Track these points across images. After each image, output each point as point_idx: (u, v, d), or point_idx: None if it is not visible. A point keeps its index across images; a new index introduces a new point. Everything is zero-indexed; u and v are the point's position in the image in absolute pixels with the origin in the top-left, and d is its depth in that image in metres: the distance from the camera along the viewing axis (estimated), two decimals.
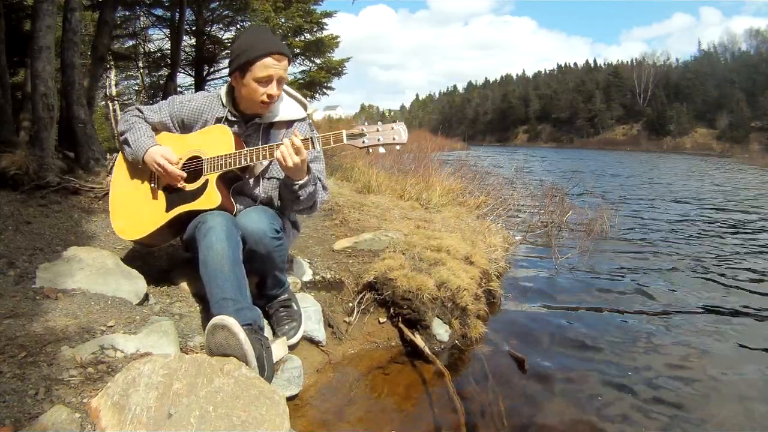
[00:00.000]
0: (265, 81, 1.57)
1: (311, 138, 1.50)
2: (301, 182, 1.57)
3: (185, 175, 1.62)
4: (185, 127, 1.74)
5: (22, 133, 3.45)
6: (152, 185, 1.68)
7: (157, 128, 1.73)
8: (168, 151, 1.62)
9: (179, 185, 1.63)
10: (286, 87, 1.76)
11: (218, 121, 1.68)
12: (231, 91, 1.69)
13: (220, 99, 1.70)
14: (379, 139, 1.46)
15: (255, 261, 1.55)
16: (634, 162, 22.73)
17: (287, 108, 1.73)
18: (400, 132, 1.46)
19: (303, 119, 1.75)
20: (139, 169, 1.71)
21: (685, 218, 6.09)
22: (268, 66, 1.56)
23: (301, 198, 1.60)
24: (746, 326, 2.48)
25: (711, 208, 7.11)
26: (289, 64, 1.66)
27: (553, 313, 2.59)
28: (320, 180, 1.69)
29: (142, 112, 1.72)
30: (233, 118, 1.68)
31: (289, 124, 1.72)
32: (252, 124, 1.69)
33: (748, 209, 7.14)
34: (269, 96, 1.59)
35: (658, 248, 4.27)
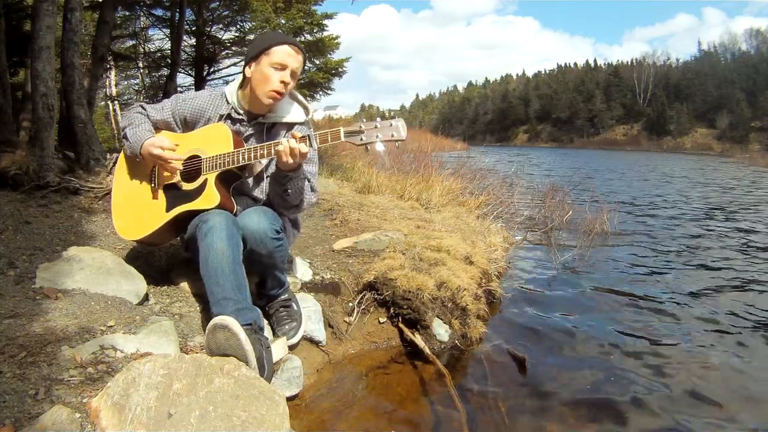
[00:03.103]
0: (281, 67, 1.59)
1: (308, 136, 1.50)
2: (291, 175, 1.57)
3: (183, 158, 1.62)
4: (188, 125, 1.74)
5: (22, 133, 3.46)
6: (152, 185, 1.69)
7: (159, 126, 1.74)
8: (161, 139, 1.62)
9: (178, 185, 1.63)
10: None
11: (221, 118, 1.68)
12: (239, 89, 1.69)
13: (225, 96, 1.71)
14: (377, 136, 1.45)
15: (255, 261, 1.55)
16: (634, 162, 22.72)
17: (290, 110, 1.73)
18: (398, 128, 1.44)
19: (304, 122, 1.75)
20: (140, 168, 1.71)
21: (686, 218, 6.09)
22: (287, 53, 1.60)
23: (289, 191, 1.60)
24: (748, 326, 2.48)
25: (711, 208, 7.11)
26: (303, 65, 1.67)
27: (553, 313, 2.58)
28: (309, 181, 1.69)
29: (144, 109, 1.72)
30: (237, 116, 1.68)
31: (290, 126, 1.72)
32: (255, 123, 1.70)
33: (748, 209, 7.14)
34: (282, 82, 1.59)
35: (659, 248, 4.27)
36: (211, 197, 1.56)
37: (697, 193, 9.41)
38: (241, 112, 1.68)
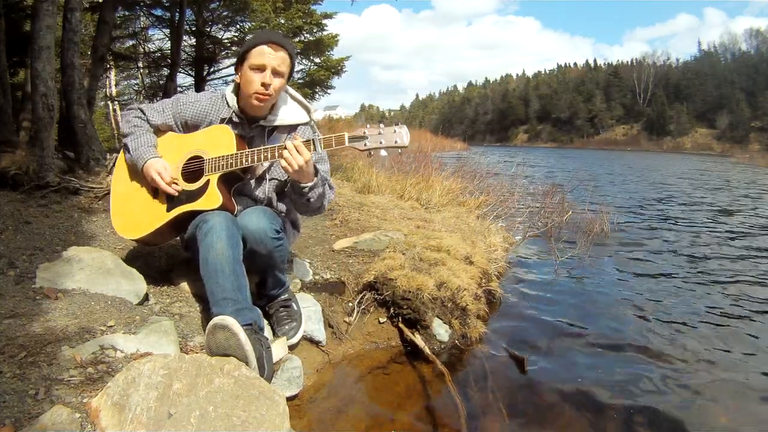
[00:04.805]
0: (260, 68, 1.58)
1: (313, 140, 1.50)
2: (309, 185, 1.57)
3: (176, 194, 1.61)
4: (189, 128, 1.73)
5: (22, 133, 3.45)
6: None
7: (160, 129, 1.73)
8: (164, 167, 1.61)
9: (180, 186, 1.63)
10: (290, 90, 1.76)
11: (222, 121, 1.68)
12: (236, 92, 1.69)
13: (225, 99, 1.70)
14: (381, 142, 1.46)
15: (255, 261, 1.56)
16: (634, 162, 22.72)
17: (291, 112, 1.73)
18: (402, 135, 1.46)
19: (306, 123, 1.75)
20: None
21: (685, 217, 6.09)
22: (264, 53, 1.58)
23: (311, 200, 1.61)
24: (747, 328, 2.48)
25: (711, 208, 7.11)
26: (291, 63, 1.65)
27: (553, 313, 2.58)
28: (327, 180, 1.70)
29: (144, 114, 1.71)
30: (237, 120, 1.68)
31: (292, 128, 1.72)
32: (256, 126, 1.69)
33: (749, 209, 7.14)
34: (263, 85, 1.57)
35: (659, 248, 4.27)
36: (213, 198, 1.56)
37: (696, 193, 9.42)
38: (241, 115, 1.68)
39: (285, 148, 1.49)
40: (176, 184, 1.62)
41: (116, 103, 9.99)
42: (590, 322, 2.47)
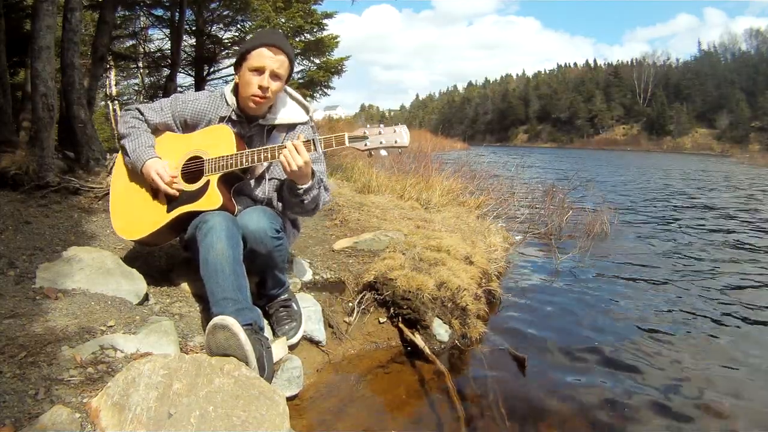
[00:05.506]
0: (258, 71, 1.57)
1: (313, 140, 1.51)
2: (305, 187, 1.56)
3: (177, 194, 1.61)
4: (188, 127, 1.73)
5: (22, 133, 3.45)
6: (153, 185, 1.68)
7: (159, 128, 1.73)
8: (164, 167, 1.60)
9: (180, 185, 1.63)
10: (288, 89, 1.76)
11: (222, 120, 1.68)
12: (235, 91, 1.69)
13: (224, 98, 1.70)
14: (381, 142, 1.47)
15: (255, 261, 1.56)
16: (634, 162, 22.73)
17: (289, 111, 1.73)
18: (402, 135, 1.47)
19: (305, 122, 1.75)
20: None
21: (686, 218, 6.09)
22: (263, 56, 1.57)
23: (305, 202, 1.60)
24: (746, 328, 2.48)
25: (711, 208, 7.11)
26: (290, 66, 1.66)
27: (553, 313, 2.58)
28: (322, 182, 1.69)
29: (142, 114, 1.70)
30: (236, 118, 1.68)
31: (291, 127, 1.72)
32: (255, 125, 1.69)
33: (749, 210, 7.14)
34: (261, 88, 1.57)
35: (659, 249, 4.27)
36: (214, 198, 1.56)
37: (696, 193, 9.41)
38: (240, 114, 1.68)
39: (284, 148, 1.49)
40: (176, 184, 1.62)
41: (116, 103, 9.97)
42: (590, 323, 2.47)
